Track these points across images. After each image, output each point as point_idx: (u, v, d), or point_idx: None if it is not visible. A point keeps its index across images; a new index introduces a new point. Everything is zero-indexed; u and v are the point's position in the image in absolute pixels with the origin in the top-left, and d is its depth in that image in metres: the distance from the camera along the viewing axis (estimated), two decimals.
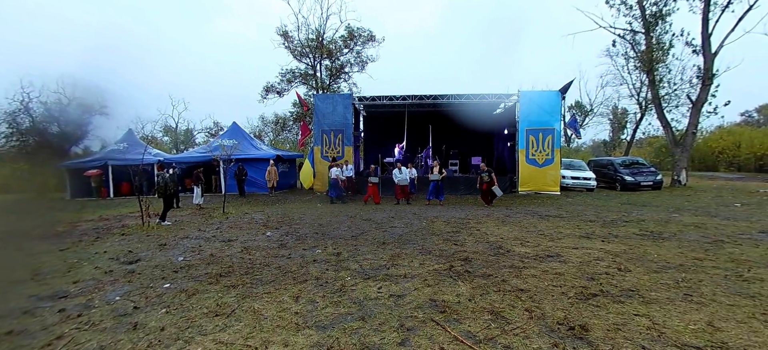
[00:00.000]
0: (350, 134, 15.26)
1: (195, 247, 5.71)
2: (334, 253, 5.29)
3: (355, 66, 22.91)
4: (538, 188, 14.01)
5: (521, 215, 8.83)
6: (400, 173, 11.54)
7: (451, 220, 8.13)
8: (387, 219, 8.38)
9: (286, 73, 21.91)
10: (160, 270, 4.48)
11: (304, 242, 6.11)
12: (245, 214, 9.55)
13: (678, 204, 10.11)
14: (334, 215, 9.12)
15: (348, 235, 6.63)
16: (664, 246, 5.29)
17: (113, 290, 3.83)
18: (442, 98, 15.23)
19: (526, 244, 5.68)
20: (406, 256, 5.04)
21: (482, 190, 10.65)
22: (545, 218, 8.28)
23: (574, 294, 3.47)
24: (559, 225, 7.26)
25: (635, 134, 25.34)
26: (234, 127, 16.70)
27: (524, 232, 6.67)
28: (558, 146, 14.13)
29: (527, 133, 14.18)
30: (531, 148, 14.17)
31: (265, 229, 7.31)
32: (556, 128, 14.12)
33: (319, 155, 15.26)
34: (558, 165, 14.11)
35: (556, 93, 14.14)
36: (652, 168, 15.18)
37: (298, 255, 5.18)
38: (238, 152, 15.64)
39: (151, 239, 6.39)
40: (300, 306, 3.33)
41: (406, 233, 6.75)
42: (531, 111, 14.08)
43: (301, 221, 8.36)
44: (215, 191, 15.69)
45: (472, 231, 6.81)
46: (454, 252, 5.20)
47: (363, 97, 16.26)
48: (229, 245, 5.89)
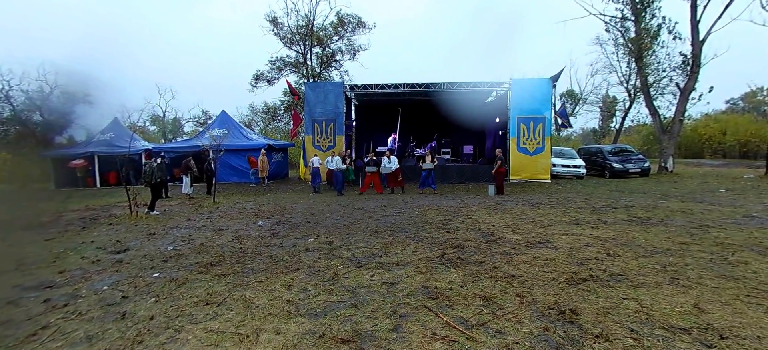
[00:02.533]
0: (342, 123, 15.10)
1: (185, 237, 5.61)
2: (327, 242, 5.26)
3: (346, 54, 22.60)
4: (529, 176, 14.14)
5: (513, 203, 8.91)
6: (389, 162, 11.49)
7: (443, 208, 8.15)
8: (379, 208, 8.36)
9: (276, 62, 21.50)
10: (148, 260, 4.39)
11: (295, 231, 6.07)
12: (236, 204, 9.43)
13: (665, 190, 10.32)
14: (326, 205, 9.07)
15: (340, 224, 6.60)
16: (652, 232, 5.40)
17: (101, 279, 3.74)
18: (434, 87, 15.14)
19: (517, 231, 5.73)
20: (399, 244, 5.04)
21: (496, 176, 10.63)
22: (536, 205, 8.37)
23: (565, 280, 3.51)
24: (550, 213, 7.35)
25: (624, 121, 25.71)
26: (223, 116, 16.38)
27: (516, 220, 6.72)
28: (549, 135, 14.23)
29: (518, 121, 14.23)
30: (522, 136, 14.25)
31: (257, 218, 7.23)
32: (547, 116, 14.19)
33: (310, 144, 15.10)
34: (549, 153, 14.24)
35: (547, 81, 14.17)
36: (640, 155, 15.45)
37: (290, 244, 5.14)
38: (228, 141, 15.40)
39: (139, 229, 6.26)
40: (292, 294, 3.30)
41: (399, 221, 6.75)
42: (522, 99, 14.11)
43: (293, 210, 8.30)
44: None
45: (464, 219, 6.85)
46: (447, 240, 5.22)
47: (354, 85, 16.06)
48: (219, 234, 5.81)
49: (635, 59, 15.59)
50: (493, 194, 10.51)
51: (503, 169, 10.79)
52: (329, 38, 21.53)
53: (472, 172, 14.76)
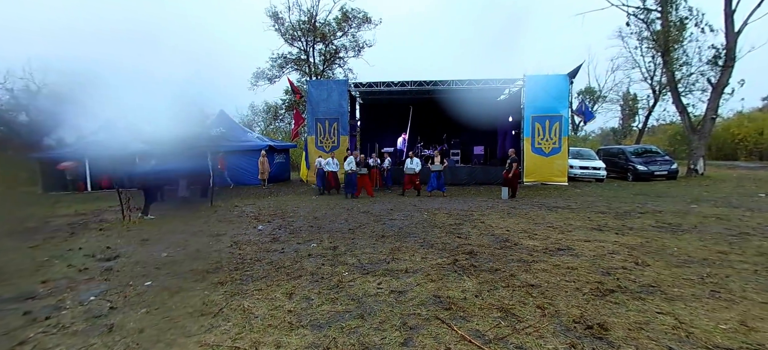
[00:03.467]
0: (346, 122, 15.06)
1: (180, 242, 5.57)
2: (331, 247, 5.17)
3: (351, 51, 22.62)
4: (544, 178, 13.92)
5: (528, 206, 8.74)
6: (411, 162, 11.38)
7: (454, 212, 8.02)
8: (386, 212, 8.26)
9: (277, 59, 21.60)
10: (140, 267, 4.34)
11: (298, 235, 5.99)
12: (235, 207, 9.41)
13: (696, 195, 10.04)
14: (329, 208, 8.99)
15: (345, 228, 6.52)
16: (684, 239, 5.20)
17: (88, 289, 3.69)
18: (443, 84, 15.03)
19: (534, 237, 5.58)
20: (407, 250, 4.93)
21: (508, 178, 10.46)
22: (553, 209, 8.19)
23: (590, 290, 3.37)
24: (569, 217, 7.17)
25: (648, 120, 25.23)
26: (221, 115, 16.45)
27: (532, 224, 6.57)
28: (566, 134, 14.00)
29: (533, 120, 14.03)
30: (537, 136, 14.04)
31: (257, 222, 7.18)
32: (564, 114, 13.97)
33: (313, 145, 15.08)
34: (566, 154, 14.01)
35: (564, 77, 13.97)
36: (666, 157, 15.11)
37: (292, 250, 5.06)
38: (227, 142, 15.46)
39: (132, 234, 6.24)
40: (294, 304, 3.21)
41: (407, 225, 6.64)
42: (537, 97, 13.91)
43: (295, 214, 8.24)
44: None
45: (476, 223, 6.71)
46: (458, 245, 5.09)
47: (359, 83, 16.02)
48: (217, 239, 5.75)
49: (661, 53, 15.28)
50: (507, 198, 10.34)
51: (518, 171, 10.62)
52: (333, 34, 21.58)
53: (484, 174, 14.59)
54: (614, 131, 36.39)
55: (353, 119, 16.78)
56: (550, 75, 13.96)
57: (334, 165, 12.08)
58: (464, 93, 15.53)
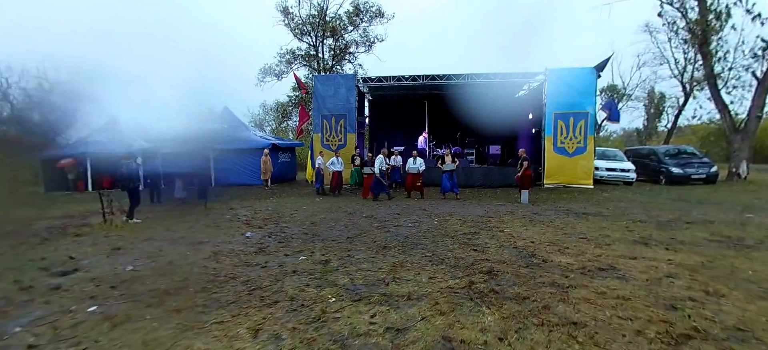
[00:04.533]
0: (353, 119, 14.35)
1: (154, 252, 4.92)
2: (322, 261, 4.43)
3: (362, 46, 21.88)
4: (568, 180, 12.88)
5: (552, 212, 7.81)
6: (414, 162, 10.61)
7: (468, 218, 7.18)
8: (391, 216, 7.48)
9: (285, 54, 21.05)
10: (94, 285, 3.68)
11: (288, 245, 5.28)
12: (230, 210, 8.79)
13: (746, 202, 8.89)
14: (330, 212, 8.27)
15: (343, 236, 5.77)
16: (756, 259, 4.24)
17: (18, 316, 3.04)
18: (457, 78, 14.15)
19: (565, 251, 4.70)
20: (412, 266, 4.14)
21: (522, 180, 9.56)
22: (582, 216, 7.25)
23: (656, 335, 2.51)
24: (603, 227, 6.23)
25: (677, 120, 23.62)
26: (225, 112, 15.97)
27: (560, 235, 5.67)
28: (591, 133, 12.93)
29: (556, 117, 13.00)
30: (560, 135, 13.01)
31: (247, 228, 6.51)
32: (590, 111, 12.89)
33: (319, 143, 14.42)
34: (591, 154, 12.93)
35: (590, 71, 12.88)
36: (704, 159, 13.79)
37: (276, 264, 4.34)
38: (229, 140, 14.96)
39: (109, 240, 5.65)
40: (257, 347, 2.47)
41: (414, 234, 5.84)
42: (560, 92, 12.87)
43: (291, 218, 7.55)
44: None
45: (495, 233, 5.86)
46: (474, 262, 4.27)
47: (368, 78, 15.29)
48: (196, 249, 5.09)
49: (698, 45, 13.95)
50: (527, 202, 9.40)
51: (530, 172, 9.68)
52: (343, 28, 20.89)
53: (500, 175, 13.63)
54: (638, 132, 34.59)
55: (361, 115, 16.06)
56: (574, 68, 12.88)
57: (338, 165, 11.37)
58: (480, 88, 14.58)
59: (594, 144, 13.09)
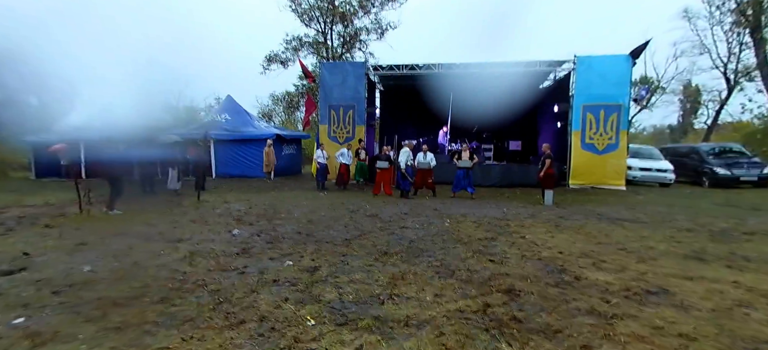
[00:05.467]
0: (362, 110, 13.77)
1: (122, 250, 4.47)
2: (310, 268, 3.88)
3: (373, 33, 21.20)
4: (596, 181, 11.98)
5: (581, 217, 7.06)
6: (424, 157, 9.98)
7: (484, 221, 6.52)
8: (398, 216, 6.89)
9: (291, 40, 20.56)
10: (35, 289, 3.23)
11: (276, 246, 4.76)
12: (224, 203, 8.36)
13: None
14: (331, 209, 7.74)
15: (340, 238, 5.22)
16: None
17: None
18: (475, 67, 13.35)
19: (602, 266, 4.01)
20: (415, 279, 3.54)
21: (544, 179, 8.83)
22: (617, 222, 6.49)
23: None
24: (644, 235, 5.48)
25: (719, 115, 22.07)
26: (228, 101, 15.63)
27: (593, 244, 4.97)
28: (625, 128, 11.98)
29: (584, 110, 12.09)
30: (588, 130, 12.11)
31: (236, 225, 6.03)
32: (624, 104, 11.93)
33: (325, 135, 13.93)
34: (624, 152, 11.99)
35: (625, 58, 11.90)
36: (754, 159, 12.64)
37: (257, 269, 3.82)
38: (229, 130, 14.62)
39: (78, 234, 5.25)
40: None
41: (421, 238, 5.24)
42: (591, 82, 11.94)
43: (288, 214, 7.05)
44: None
45: (515, 239, 5.20)
46: (491, 276, 3.64)
47: (378, 66, 14.65)
48: (172, 248, 4.62)
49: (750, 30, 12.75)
50: (551, 204, 8.66)
51: (552, 170, 8.92)
52: (354, 14, 20.25)
53: (521, 174, 12.85)
54: (671, 129, 32.76)
55: (371, 106, 15.46)
56: (607, 56, 11.92)
57: (347, 157, 10.83)
58: (500, 78, 13.74)
59: (627, 141, 12.13)
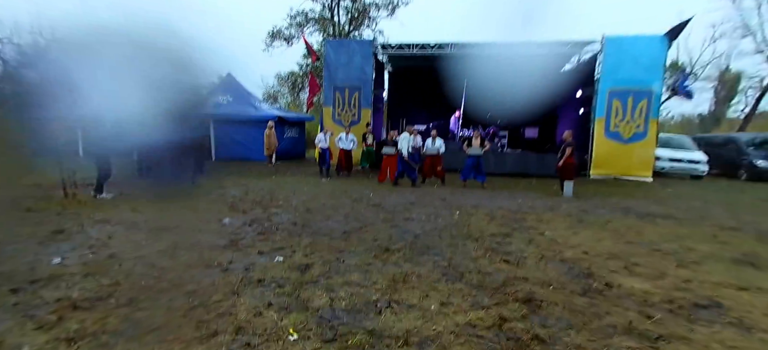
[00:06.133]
0: (369, 92, 13.31)
1: (101, 240, 4.19)
2: (301, 265, 3.53)
3: (383, 9, 20.44)
4: (620, 171, 11.40)
5: (606, 210, 6.58)
6: (433, 142, 9.55)
7: (498, 213, 6.09)
8: (403, 206, 6.50)
9: (296, 16, 19.98)
10: None
11: (268, 238, 4.43)
12: (219, 188, 8.09)
13: None
14: (332, 197, 7.38)
15: (338, 230, 4.87)
16: None
17: None
18: (491, 47, 12.67)
19: (636, 270, 3.58)
20: (418, 282, 3.17)
21: (564, 168, 8.32)
22: (647, 218, 6.00)
23: None
24: (681, 235, 5.00)
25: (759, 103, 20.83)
26: (229, 80, 15.26)
27: (622, 243, 4.52)
28: (655, 116, 11.30)
29: (610, 96, 11.43)
30: (614, 117, 11.47)
31: (228, 213, 5.73)
32: (656, 90, 11.21)
33: (329, 118, 13.53)
34: (653, 141, 11.35)
35: (659, 39, 11.11)
36: None
37: (243, 266, 3.49)
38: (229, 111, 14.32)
39: (59, 220, 5.00)
40: None
41: (427, 232, 4.85)
42: (620, 65, 11.23)
43: (285, 202, 6.72)
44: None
45: (533, 236, 4.77)
46: (506, 281, 3.24)
47: (387, 45, 14.07)
48: (155, 237, 4.32)
49: None
50: (571, 195, 8.16)
51: (573, 160, 8.37)
52: None
53: (538, 163, 12.28)
54: (702, 118, 31.30)
55: (379, 88, 14.96)
56: (640, 36, 11.14)
57: (348, 142, 10.42)
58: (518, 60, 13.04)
59: (657, 129, 11.45)
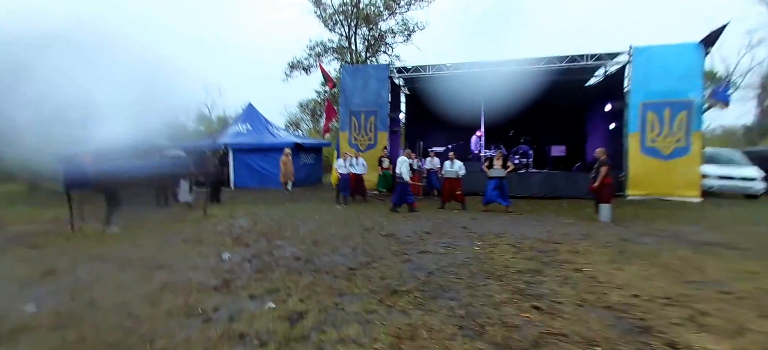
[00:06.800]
0: (385, 115, 13.04)
1: (88, 281, 3.89)
2: (294, 314, 3.05)
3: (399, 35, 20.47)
4: (661, 191, 10.36)
5: (652, 239, 5.75)
6: (451, 165, 9.04)
7: (525, 244, 5.41)
8: (418, 236, 5.94)
9: (315, 46, 20.30)
10: None
11: (265, 277, 4.01)
12: (230, 218, 7.82)
13: None
14: (344, 226, 6.93)
15: (344, 266, 4.38)
16: None
17: None
18: (510, 65, 12.16)
19: (705, 322, 2.86)
20: (429, 338, 2.60)
21: (600, 190, 7.55)
22: (705, 249, 5.14)
23: None
24: (751, 269, 4.16)
25: None
26: (249, 109, 15.45)
27: (679, 283, 3.76)
28: (698, 128, 10.28)
29: (644, 109, 10.56)
30: (650, 131, 10.55)
31: (231, 245, 5.37)
32: (696, 100, 10.26)
33: (346, 142, 13.30)
34: (697, 157, 10.29)
35: (695, 47, 10.26)
36: None
37: (228, 315, 3.05)
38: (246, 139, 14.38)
39: (56, 257, 4.78)
40: None
41: (443, 268, 4.27)
42: (652, 76, 10.43)
43: (294, 233, 6.32)
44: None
45: (568, 273, 4.09)
46: (538, 338, 2.62)
47: (403, 68, 13.84)
48: (145, 277, 3.99)
49: None
50: (608, 220, 7.33)
51: (610, 179, 7.58)
52: (378, 15, 19.65)
53: (566, 183, 11.42)
54: (747, 129, 29.05)
55: (395, 111, 14.67)
56: (671, 44, 10.35)
57: (359, 167, 10.05)
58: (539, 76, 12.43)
59: (702, 143, 10.40)
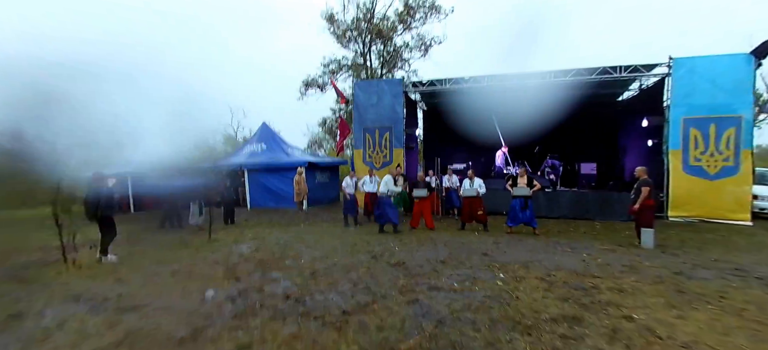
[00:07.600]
0: (400, 131, 12.46)
1: (47, 330, 3.42)
2: None
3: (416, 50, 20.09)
4: (706, 213, 9.25)
5: (712, 273, 4.81)
6: (470, 183, 8.34)
7: (557, 277, 4.60)
8: (431, 266, 5.23)
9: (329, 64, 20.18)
10: None
11: (243, 324, 3.43)
12: (234, 243, 7.35)
13: None
14: (350, 252, 6.29)
15: (339, 308, 3.74)
16: None
17: None
18: (535, 77, 11.39)
19: None
20: None
21: (641, 212, 6.65)
22: None
23: None
24: None
25: None
26: (263, 128, 15.29)
27: (761, 336, 2.90)
28: (748, 146, 9.15)
29: (686, 124, 9.54)
30: (694, 148, 9.47)
31: (221, 280, 4.84)
32: (746, 116, 9.16)
33: (360, 160, 12.79)
34: (748, 177, 9.13)
35: (744, 58, 9.23)
36: None
37: None
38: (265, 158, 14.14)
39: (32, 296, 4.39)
40: None
41: (457, 312, 3.56)
42: (694, 89, 9.44)
43: (294, 261, 5.74)
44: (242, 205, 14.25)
45: (616, 322, 3.29)
46: None
47: (418, 82, 13.31)
48: (110, 325, 3.48)
49: None
50: (652, 247, 6.38)
51: (652, 201, 6.66)
52: (393, 30, 19.37)
53: (599, 204, 10.38)
54: None
55: (411, 127, 14.12)
56: (717, 56, 9.35)
57: (372, 185, 9.46)
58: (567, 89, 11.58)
59: (752, 162, 9.23)
